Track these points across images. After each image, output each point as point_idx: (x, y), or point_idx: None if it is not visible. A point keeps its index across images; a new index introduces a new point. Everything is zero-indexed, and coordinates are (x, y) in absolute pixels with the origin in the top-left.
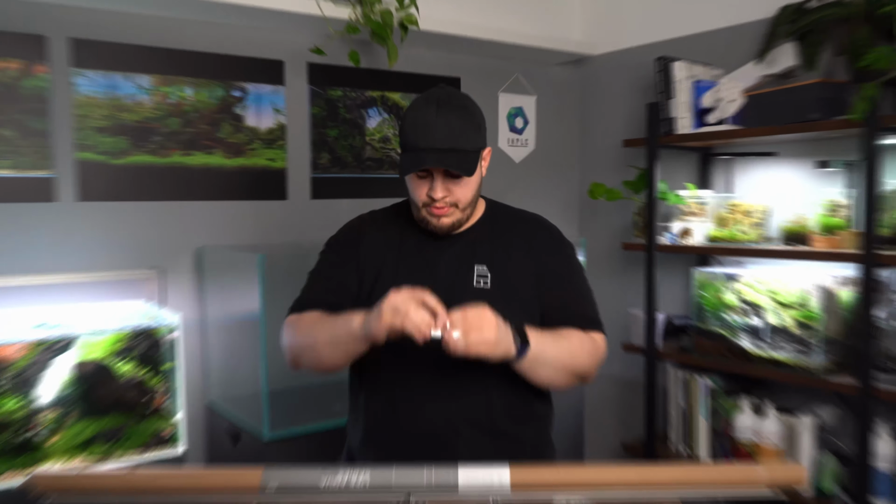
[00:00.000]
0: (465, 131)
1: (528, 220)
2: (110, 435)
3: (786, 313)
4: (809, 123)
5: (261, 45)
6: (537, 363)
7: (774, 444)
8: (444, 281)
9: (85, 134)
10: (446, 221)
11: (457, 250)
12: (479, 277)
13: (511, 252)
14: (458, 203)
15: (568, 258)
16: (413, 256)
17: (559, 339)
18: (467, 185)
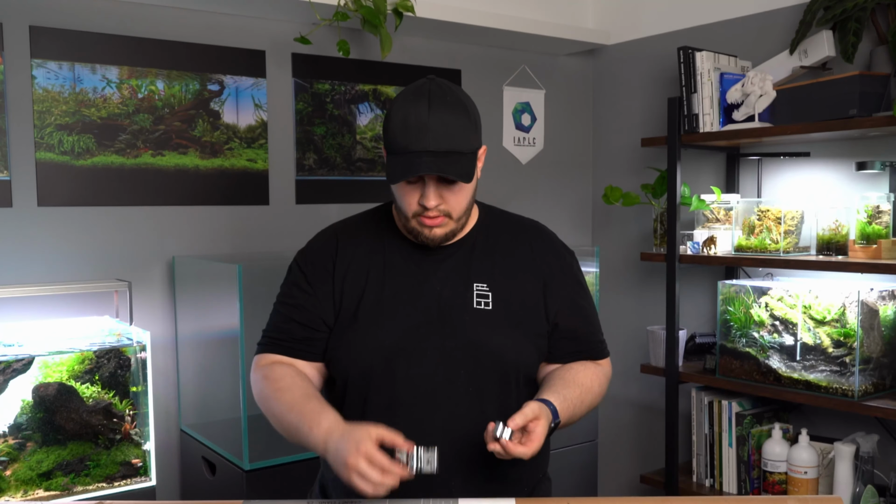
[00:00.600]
0: (462, 131)
1: (528, 228)
2: (73, 465)
3: (821, 330)
4: (847, 120)
5: (240, 33)
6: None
7: (808, 475)
8: (440, 302)
9: (45, 132)
10: (439, 232)
11: (451, 265)
12: (479, 298)
13: (513, 267)
14: (451, 213)
15: (574, 274)
16: (401, 274)
17: (582, 392)
18: (463, 191)
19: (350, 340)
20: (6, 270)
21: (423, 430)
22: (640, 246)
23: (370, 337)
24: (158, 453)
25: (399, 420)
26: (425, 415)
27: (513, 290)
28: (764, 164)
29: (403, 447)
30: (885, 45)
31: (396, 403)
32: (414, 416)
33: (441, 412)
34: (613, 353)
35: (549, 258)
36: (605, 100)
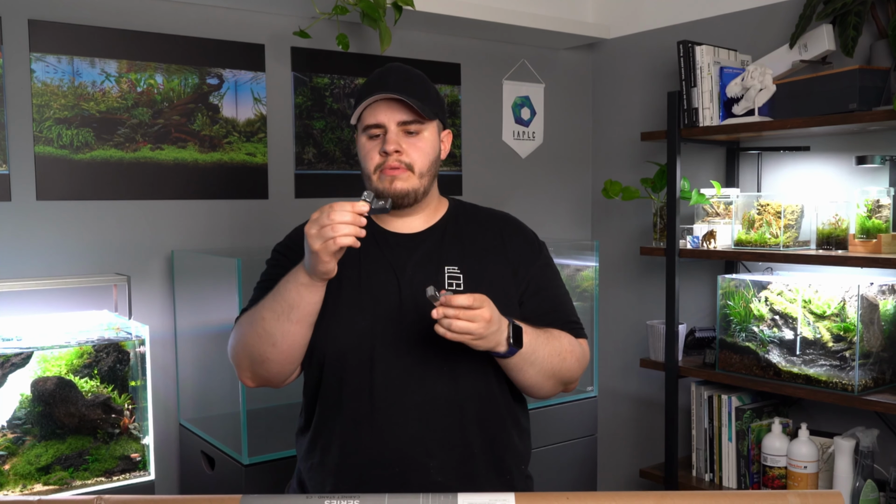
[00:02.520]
0: (422, 88)
1: (499, 219)
2: (72, 459)
3: (821, 325)
4: (847, 114)
5: (239, 27)
6: (527, 362)
7: (808, 470)
8: (413, 287)
9: (44, 126)
10: (400, 185)
11: (423, 251)
12: (450, 279)
13: (484, 253)
14: (412, 164)
15: (546, 262)
16: (375, 261)
17: (552, 339)
18: (424, 145)
19: (327, 326)
20: (5, 264)
21: (399, 412)
22: (639, 240)
23: (346, 322)
24: (157, 448)
25: (376, 402)
26: (401, 397)
27: (483, 273)
28: (764, 159)
29: None
30: (885, 39)
31: (373, 387)
32: (390, 398)
33: (417, 394)
34: (613, 347)
35: (517, 245)
36: (605, 94)
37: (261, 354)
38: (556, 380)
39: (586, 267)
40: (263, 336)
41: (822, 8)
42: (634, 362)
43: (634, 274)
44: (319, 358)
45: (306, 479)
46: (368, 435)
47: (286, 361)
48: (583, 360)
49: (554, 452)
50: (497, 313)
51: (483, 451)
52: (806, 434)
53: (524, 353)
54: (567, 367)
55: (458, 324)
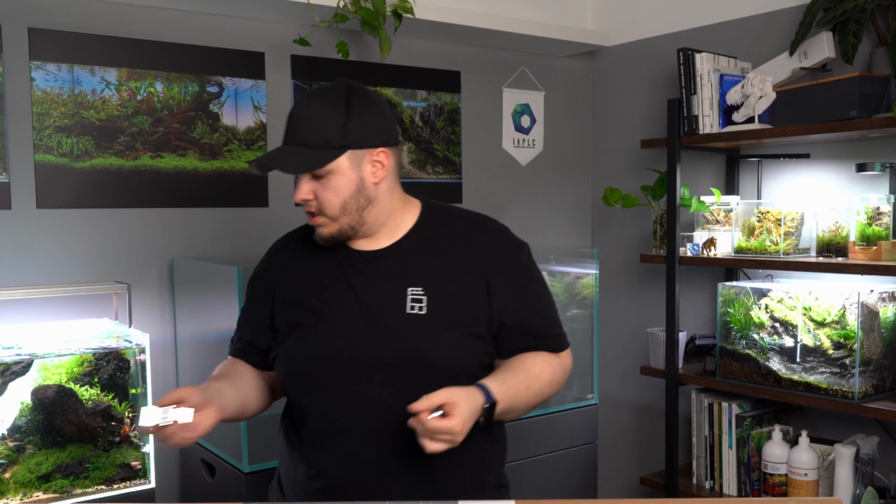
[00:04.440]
0: (319, 124)
1: (472, 222)
2: (73, 467)
3: (821, 332)
4: (847, 122)
5: (239, 35)
6: (504, 415)
7: (808, 477)
8: (374, 308)
9: (44, 134)
10: (322, 232)
11: (386, 270)
12: (413, 302)
13: (451, 266)
14: (323, 210)
15: (522, 267)
16: (337, 281)
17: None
18: (332, 189)
19: (289, 348)
20: (5, 273)
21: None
22: (639, 248)
23: (307, 346)
24: (158, 456)
25: (338, 426)
26: (363, 420)
27: (450, 293)
28: (764, 166)
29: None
30: (884, 46)
31: (335, 410)
32: (351, 422)
33: (378, 417)
34: (613, 355)
35: (491, 254)
36: (605, 101)
37: None
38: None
39: (586, 274)
40: None
41: (821, 15)
42: (635, 370)
43: (634, 281)
44: (284, 380)
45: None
46: (331, 458)
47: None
48: (561, 373)
49: (554, 460)
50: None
51: (446, 470)
52: (806, 441)
53: (501, 409)
54: (547, 395)
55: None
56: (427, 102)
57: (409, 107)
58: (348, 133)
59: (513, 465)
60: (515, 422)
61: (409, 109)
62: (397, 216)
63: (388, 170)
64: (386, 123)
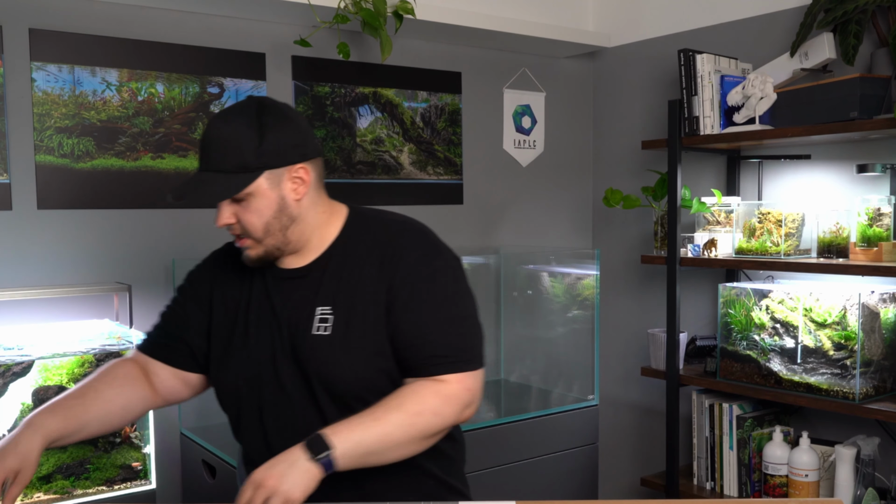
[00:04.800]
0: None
1: (392, 233)
2: (73, 468)
3: (822, 333)
4: (848, 123)
5: (240, 36)
6: (363, 457)
7: (809, 478)
8: (287, 329)
9: (44, 135)
10: (250, 254)
11: (302, 289)
12: (320, 322)
13: (360, 283)
14: (247, 233)
15: (429, 280)
16: (262, 301)
17: (385, 415)
18: (253, 211)
19: (219, 367)
20: (6, 273)
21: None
22: (640, 249)
23: (235, 369)
24: (159, 456)
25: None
26: (293, 440)
27: (356, 310)
28: (765, 167)
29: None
30: (885, 47)
31: (266, 431)
32: (282, 442)
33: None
34: (614, 356)
35: (396, 265)
36: (606, 102)
37: None
38: (416, 443)
39: (587, 275)
40: None
41: (822, 16)
42: (635, 371)
43: (635, 282)
44: (219, 402)
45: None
46: None
47: None
48: (445, 406)
49: (555, 461)
50: (276, 464)
51: (380, 482)
52: (807, 442)
53: (349, 454)
54: (420, 428)
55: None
56: (428, 103)
57: (409, 107)
58: (264, 153)
59: (513, 466)
60: (516, 422)
61: (409, 110)
62: (322, 230)
63: (310, 184)
64: (302, 138)
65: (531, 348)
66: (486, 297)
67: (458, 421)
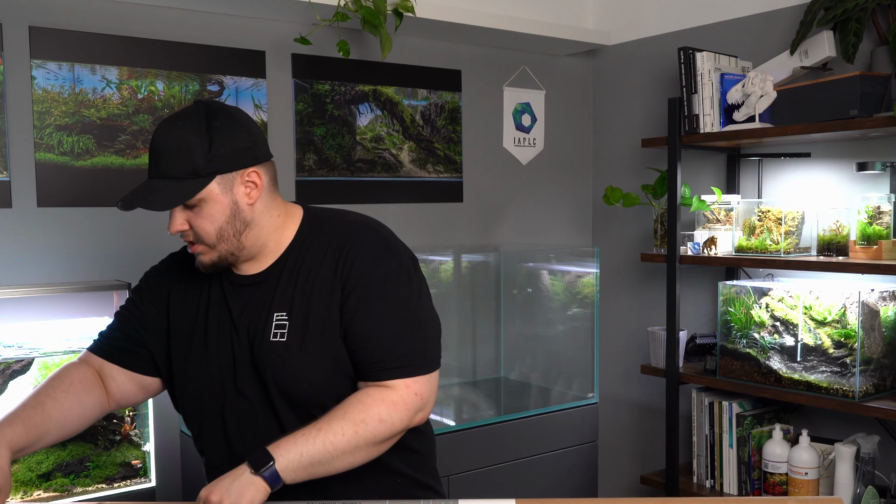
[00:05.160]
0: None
1: (345, 232)
2: (73, 466)
3: (821, 331)
4: (848, 121)
5: (240, 34)
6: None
7: (809, 476)
8: (246, 336)
9: (44, 133)
10: (203, 260)
11: (259, 295)
12: (276, 329)
13: (315, 286)
14: (200, 238)
15: (381, 281)
16: (220, 308)
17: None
18: (205, 217)
19: (180, 375)
20: (6, 271)
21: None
22: (640, 247)
23: (195, 377)
24: (158, 454)
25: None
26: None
27: (310, 314)
28: (764, 165)
29: None
30: (885, 45)
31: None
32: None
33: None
34: (614, 354)
35: (351, 265)
36: (606, 100)
37: None
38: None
39: (587, 273)
40: None
41: (822, 14)
42: (635, 369)
43: (635, 280)
44: (180, 410)
45: None
46: None
47: None
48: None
49: (554, 459)
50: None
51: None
52: (807, 440)
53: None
54: (367, 436)
55: None
56: (428, 101)
57: (409, 105)
58: (214, 158)
59: (513, 464)
60: (515, 421)
61: (409, 108)
62: (277, 234)
63: (263, 188)
64: (253, 141)
65: (531, 346)
66: (486, 296)
67: (410, 426)
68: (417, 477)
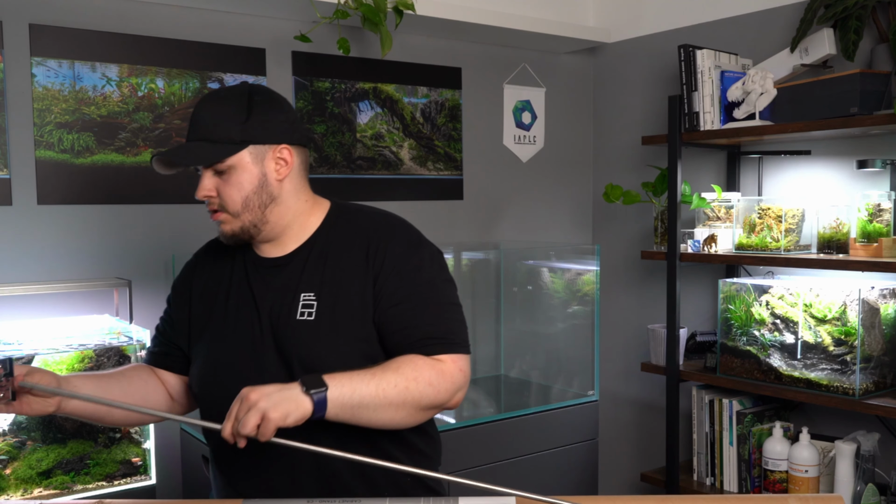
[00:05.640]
0: (218, 119)
1: (376, 225)
2: (73, 463)
3: (822, 329)
4: (848, 118)
5: (240, 31)
6: (355, 408)
7: (809, 474)
8: (269, 316)
9: (45, 130)
10: (225, 229)
11: (284, 278)
12: (303, 308)
13: (345, 271)
14: (225, 206)
15: (416, 268)
16: (243, 289)
17: (381, 373)
18: (233, 185)
19: (196, 356)
20: (6, 269)
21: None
22: (640, 244)
23: (212, 355)
24: (158, 452)
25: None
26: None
27: (340, 296)
28: (765, 163)
29: None
30: (885, 43)
31: None
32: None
33: None
34: (614, 351)
35: (384, 252)
36: (606, 98)
37: None
38: (408, 410)
39: (587, 271)
40: None
41: (823, 12)
42: (635, 366)
43: (635, 278)
44: (193, 388)
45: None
46: (237, 465)
47: None
48: (441, 380)
49: (555, 456)
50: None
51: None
52: (807, 438)
53: (341, 399)
54: (414, 394)
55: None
56: (428, 99)
57: (409, 103)
58: (249, 128)
59: (513, 462)
60: (516, 418)
61: (409, 106)
62: (303, 218)
63: (293, 168)
64: (290, 122)
65: (531, 344)
66: (486, 293)
67: (449, 403)
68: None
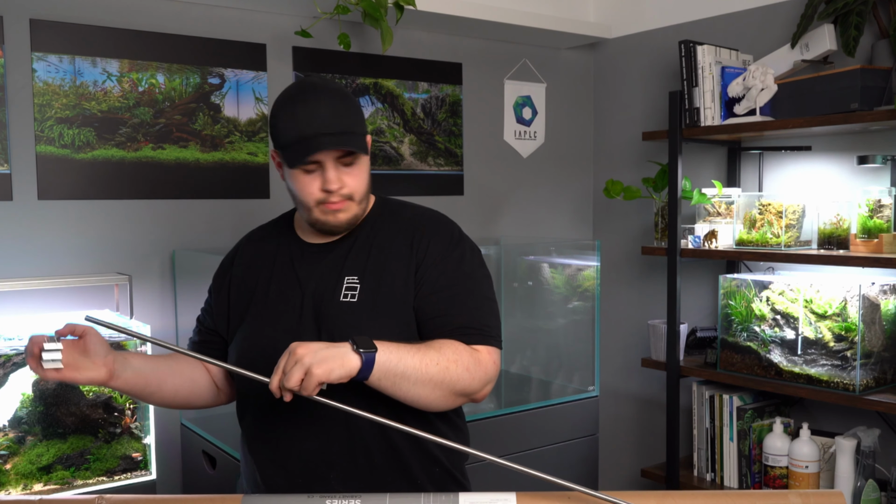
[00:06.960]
0: (349, 112)
1: (420, 218)
2: (74, 459)
3: (822, 325)
4: (848, 114)
5: (241, 26)
6: (397, 377)
7: (809, 470)
8: (313, 297)
9: (45, 125)
10: (344, 217)
11: (329, 261)
12: (347, 290)
13: (389, 258)
14: (353, 194)
15: (458, 260)
16: (286, 274)
17: (425, 349)
18: (361, 171)
19: (237, 339)
20: (6, 264)
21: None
22: (641, 240)
23: (253, 337)
24: (159, 447)
25: (276, 417)
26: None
27: (383, 281)
28: (765, 158)
29: None
30: (886, 38)
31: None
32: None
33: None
34: (614, 347)
35: (427, 245)
36: (607, 93)
37: None
38: (444, 390)
39: (588, 266)
40: None
41: (823, 7)
42: (636, 362)
43: (636, 274)
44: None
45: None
46: (272, 448)
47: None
48: (477, 368)
49: (555, 452)
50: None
51: (387, 459)
52: (807, 434)
53: (386, 364)
54: (452, 376)
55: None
56: (428, 94)
57: (410, 98)
58: (361, 120)
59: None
60: (516, 413)
61: (410, 101)
62: None
63: None
64: None
65: (532, 339)
66: None
67: (479, 393)
68: (452, 470)
